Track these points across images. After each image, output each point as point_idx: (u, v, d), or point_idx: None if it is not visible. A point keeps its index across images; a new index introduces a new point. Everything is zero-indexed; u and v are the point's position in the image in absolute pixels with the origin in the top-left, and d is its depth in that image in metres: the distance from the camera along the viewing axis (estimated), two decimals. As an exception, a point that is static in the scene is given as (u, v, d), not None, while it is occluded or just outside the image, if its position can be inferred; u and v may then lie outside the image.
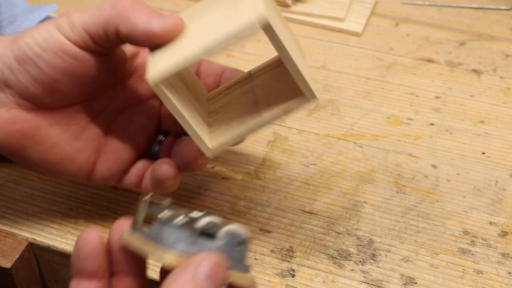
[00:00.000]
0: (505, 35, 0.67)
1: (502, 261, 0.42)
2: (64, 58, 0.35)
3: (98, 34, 0.35)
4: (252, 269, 0.41)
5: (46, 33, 0.35)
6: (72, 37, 0.35)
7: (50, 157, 0.38)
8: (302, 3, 0.70)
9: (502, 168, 0.49)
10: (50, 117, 0.37)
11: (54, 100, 0.37)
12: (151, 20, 0.34)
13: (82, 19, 0.35)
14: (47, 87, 0.35)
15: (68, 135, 0.38)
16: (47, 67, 0.35)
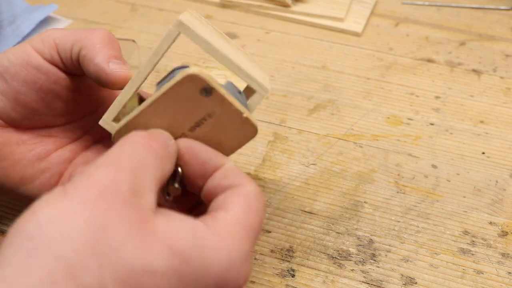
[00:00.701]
0: (505, 35, 0.67)
1: (502, 261, 0.42)
2: (27, 69, 0.35)
3: (64, 51, 0.35)
4: (252, 269, 0.41)
5: (17, 48, 0.36)
6: (40, 48, 0.35)
7: (11, 175, 0.37)
8: (302, 3, 0.70)
9: (502, 168, 0.49)
10: (18, 136, 0.37)
11: (21, 116, 0.36)
12: (109, 61, 0.34)
13: (57, 33, 0.36)
14: (13, 100, 0.35)
15: (32, 155, 0.37)
16: (12, 78, 0.35)
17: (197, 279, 0.25)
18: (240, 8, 0.70)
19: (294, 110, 0.55)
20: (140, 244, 0.24)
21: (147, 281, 0.23)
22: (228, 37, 0.38)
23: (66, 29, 0.36)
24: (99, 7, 0.70)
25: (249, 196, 0.29)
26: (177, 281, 0.25)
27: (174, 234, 0.26)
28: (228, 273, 0.26)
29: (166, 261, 0.24)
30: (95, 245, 0.23)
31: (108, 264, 0.23)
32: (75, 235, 0.23)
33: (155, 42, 0.64)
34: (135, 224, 0.24)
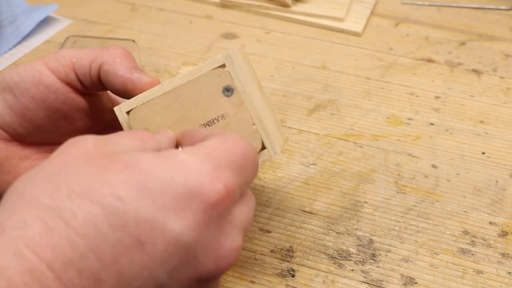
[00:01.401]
0: (505, 35, 0.67)
1: (502, 261, 0.42)
2: (38, 87, 0.35)
3: (82, 68, 0.36)
4: (252, 269, 0.41)
5: (30, 64, 0.36)
6: (55, 67, 0.36)
7: None
8: (302, 3, 0.70)
9: (502, 168, 0.49)
10: (22, 150, 0.37)
11: (27, 132, 0.37)
12: (133, 71, 0.35)
13: (72, 53, 0.36)
14: (20, 116, 0.36)
15: None
16: (21, 94, 0.35)
17: (162, 185, 0.25)
18: (240, 8, 0.70)
19: (294, 110, 0.55)
20: (96, 167, 0.25)
21: (104, 191, 0.24)
22: (263, 90, 0.39)
23: (81, 48, 0.37)
24: (99, 7, 0.70)
25: (228, 134, 0.29)
26: (138, 190, 0.25)
27: (133, 155, 0.26)
28: (198, 176, 0.25)
29: (122, 173, 0.25)
30: (53, 177, 0.25)
31: (64, 186, 0.25)
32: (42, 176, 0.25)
33: (155, 42, 0.64)
34: (92, 159, 0.26)
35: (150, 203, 0.24)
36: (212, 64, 0.33)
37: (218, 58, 0.33)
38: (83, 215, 0.24)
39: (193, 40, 0.65)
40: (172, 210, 0.25)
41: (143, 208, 0.24)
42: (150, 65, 0.61)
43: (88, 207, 0.24)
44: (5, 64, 0.60)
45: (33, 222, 0.23)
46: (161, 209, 0.25)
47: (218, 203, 0.26)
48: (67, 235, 0.23)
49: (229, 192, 0.26)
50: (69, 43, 0.58)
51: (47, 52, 0.62)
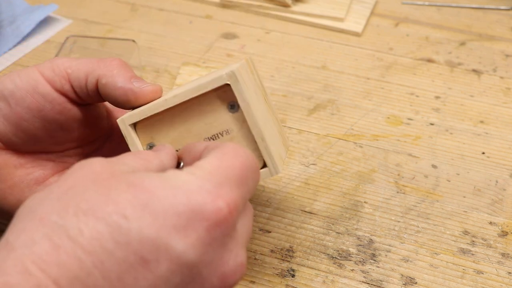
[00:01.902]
0: (505, 35, 0.67)
1: (502, 261, 0.42)
2: (34, 96, 0.35)
3: (78, 80, 0.35)
4: (252, 269, 0.41)
5: (25, 72, 0.35)
6: (50, 77, 0.35)
7: (8, 197, 0.37)
8: (302, 3, 0.70)
9: (502, 168, 0.49)
10: (17, 159, 0.37)
11: (21, 141, 0.36)
12: (132, 81, 0.35)
13: (68, 63, 0.36)
14: (15, 126, 0.35)
15: (30, 179, 0.37)
16: (16, 103, 0.35)
17: (164, 205, 0.25)
18: (240, 8, 0.70)
19: (294, 110, 0.55)
20: (101, 186, 0.26)
21: (109, 209, 0.25)
22: (267, 93, 0.39)
23: (76, 58, 0.36)
24: (99, 7, 0.70)
25: (224, 147, 0.29)
26: (142, 209, 0.25)
27: (137, 176, 0.26)
28: (199, 196, 0.26)
29: (126, 193, 0.25)
30: (61, 197, 0.26)
31: (72, 204, 0.25)
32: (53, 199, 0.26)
33: (155, 42, 0.64)
34: (99, 179, 0.26)
35: (153, 221, 0.25)
36: (216, 82, 0.33)
37: (223, 76, 0.32)
38: (89, 232, 0.24)
39: (193, 40, 0.65)
40: (174, 229, 0.25)
41: (146, 227, 0.25)
42: (150, 65, 0.61)
43: (93, 224, 0.24)
44: (5, 64, 0.60)
45: (41, 239, 0.24)
46: (164, 228, 0.25)
47: (221, 221, 0.26)
48: (74, 252, 0.24)
49: (232, 209, 0.26)
50: (69, 43, 0.58)
51: (47, 52, 0.62)
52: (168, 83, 0.58)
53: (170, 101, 0.33)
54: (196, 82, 0.35)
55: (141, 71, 0.60)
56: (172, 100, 0.33)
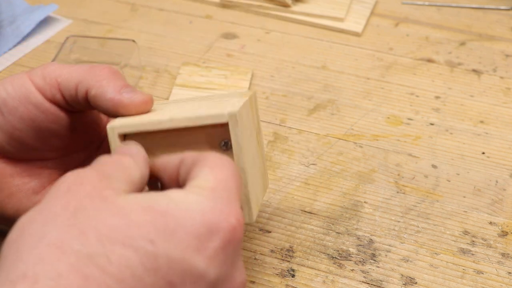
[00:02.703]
0: (505, 35, 0.67)
1: (502, 261, 0.42)
2: (26, 106, 0.34)
3: (68, 90, 0.34)
4: (252, 269, 0.41)
5: (17, 80, 0.35)
6: (41, 86, 0.34)
7: (7, 207, 0.36)
8: (302, 3, 0.70)
9: (502, 168, 0.49)
10: (12, 168, 0.36)
11: (16, 150, 0.36)
12: (122, 91, 0.34)
13: (58, 71, 0.35)
14: (9, 135, 0.35)
15: (28, 188, 0.37)
16: (9, 113, 0.34)
17: (185, 227, 0.25)
18: (240, 8, 0.70)
19: (294, 110, 0.55)
20: (115, 207, 0.25)
21: (133, 233, 0.24)
22: (261, 129, 0.39)
23: (67, 66, 0.35)
24: (99, 7, 0.70)
25: (206, 159, 0.30)
26: (166, 232, 0.25)
27: (147, 198, 0.26)
28: (213, 215, 0.26)
29: (146, 215, 0.25)
30: (74, 221, 0.25)
31: (90, 229, 0.24)
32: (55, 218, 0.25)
33: (155, 42, 0.64)
34: (106, 197, 0.26)
35: (178, 244, 0.25)
36: (216, 118, 0.32)
37: (224, 114, 0.32)
38: (117, 259, 0.23)
39: (193, 40, 0.65)
40: (196, 249, 0.25)
41: (172, 250, 0.25)
42: (150, 65, 0.61)
43: (121, 251, 0.24)
44: (5, 64, 0.60)
45: (67, 271, 0.23)
46: (187, 249, 0.25)
47: (234, 237, 0.27)
48: (104, 282, 0.23)
49: (241, 223, 0.27)
50: (69, 43, 0.58)
51: (47, 52, 0.62)
52: (168, 83, 0.58)
53: (164, 124, 0.32)
54: (195, 106, 0.35)
55: (141, 71, 0.60)
56: (167, 123, 0.32)
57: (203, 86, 0.57)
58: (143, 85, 0.58)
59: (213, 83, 0.57)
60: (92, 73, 0.34)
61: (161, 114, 0.34)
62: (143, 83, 0.58)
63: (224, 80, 0.57)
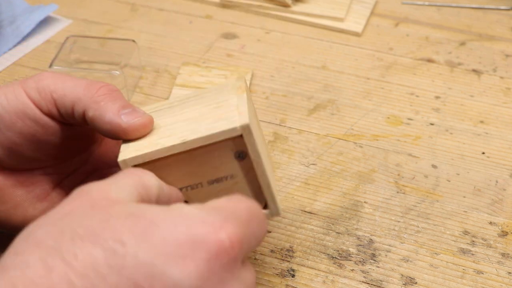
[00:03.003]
0: (505, 35, 0.67)
1: (502, 261, 0.42)
2: (24, 121, 0.34)
3: (64, 108, 0.34)
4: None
5: (11, 93, 0.34)
6: (37, 100, 0.34)
7: (12, 217, 0.36)
8: (302, 3, 0.70)
9: (502, 168, 0.49)
10: (14, 178, 0.36)
11: (16, 163, 0.35)
12: (121, 114, 0.33)
13: (53, 85, 0.34)
14: (8, 149, 0.34)
15: (32, 197, 0.37)
16: (7, 128, 0.34)
17: (164, 233, 0.25)
18: (240, 8, 0.70)
19: (294, 110, 0.55)
20: (100, 213, 0.26)
21: (106, 235, 0.24)
22: (257, 117, 0.39)
23: (62, 80, 0.34)
24: (99, 7, 0.70)
25: (233, 195, 0.29)
26: (140, 236, 0.25)
27: (139, 207, 0.26)
28: (200, 226, 0.25)
29: (127, 220, 0.25)
30: (59, 222, 0.25)
31: (69, 229, 0.25)
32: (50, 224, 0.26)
33: (155, 42, 0.64)
34: (98, 206, 0.26)
35: (150, 248, 0.24)
36: (230, 133, 0.32)
37: (237, 128, 0.31)
38: (83, 256, 0.24)
39: (193, 40, 0.65)
40: (172, 257, 0.24)
41: (142, 253, 0.24)
42: (150, 65, 0.61)
43: (88, 249, 0.24)
44: (5, 64, 0.60)
45: (34, 262, 0.24)
46: (161, 256, 0.24)
47: (221, 253, 0.25)
48: (66, 275, 0.23)
49: (233, 242, 0.25)
50: (69, 43, 0.58)
51: (47, 52, 0.62)
52: (168, 83, 0.58)
53: (178, 147, 0.32)
54: (198, 116, 0.34)
55: (141, 71, 0.60)
56: (181, 146, 0.32)
57: (203, 86, 0.57)
58: (143, 85, 0.58)
59: (213, 83, 0.57)
60: (89, 92, 0.33)
61: (167, 133, 0.33)
62: (143, 83, 0.58)
63: (224, 80, 0.57)
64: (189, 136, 0.32)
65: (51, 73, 0.35)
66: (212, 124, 0.32)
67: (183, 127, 0.33)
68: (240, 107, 0.33)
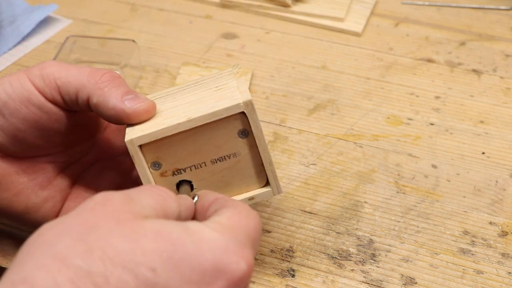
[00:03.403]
0: (505, 35, 0.67)
1: (502, 261, 0.42)
2: (29, 108, 0.34)
3: (68, 95, 0.34)
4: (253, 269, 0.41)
5: (16, 81, 0.34)
6: (41, 87, 0.34)
7: (15, 205, 0.37)
8: (302, 3, 0.70)
9: (502, 168, 0.49)
10: (17, 165, 0.36)
11: (19, 150, 0.36)
12: (125, 100, 0.34)
13: (58, 73, 0.34)
14: (12, 136, 0.35)
15: (34, 184, 0.37)
16: (11, 115, 0.34)
17: (191, 261, 0.25)
18: (240, 8, 0.70)
19: (294, 110, 0.55)
20: (127, 231, 0.25)
21: (137, 259, 0.24)
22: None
23: (66, 68, 0.35)
24: (99, 7, 0.70)
25: (237, 206, 0.30)
26: (170, 263, 0.25)
27: (163, 225, 0.26)
28: (225, 255, 0.26)
29: (155, 243, 0.25)
30: (85, 237, 0.25)
31: (97, 248, 0.24)
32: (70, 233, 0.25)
33: (155, 42, 0.64)
34: (122, 220, 0.26)
35: (179, 277, 0.25)
36: (233, 110, 0.33)
37: (240, 104, 0.33)
38: (115, 282, 0.24)
39: (193, 40, 0.65)
40: (198, 285, 0.25)
41: (172, 282, 0.25)
42: (150, 65, 0.61)
43: (121, 275, 0.24)
44: (5, 64, 0.60)
45: (64, 284, 0.23)
46: (188, 284, 0.25)
47: (241, 280, 0.26)
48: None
49: (250, 268, 0.27)
50: (69, 43, 0.58)
51: (47, 52, 0.62)
52: (168, 83, 0.58)
53: (183, 125, 0.33)
54: (201, 98, 0.35)
55: (141, 71, 0.60)
56: (186, 124, 0.33)
57: (203, 86, 0.57)
58: (143, 85, 0.58)
59: (213, 83, 0.57)
60: (93, 79, 0.34)
61: (171, 115, 0.34)
62: (143, 83, 0.58)
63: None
64: (193, 114, 0.33)
65: (54, 61, 0.35)
66: (215, 103, 0.33)
67: (186, 108, 0.34)
68: (241, 87, 0.34)
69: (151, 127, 0.33)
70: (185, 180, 0.36)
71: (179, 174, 0.36)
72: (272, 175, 0.36)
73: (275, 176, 0.36)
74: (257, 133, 0.34)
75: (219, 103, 0.33)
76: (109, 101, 0.33)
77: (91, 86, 0.34)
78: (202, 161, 0.35)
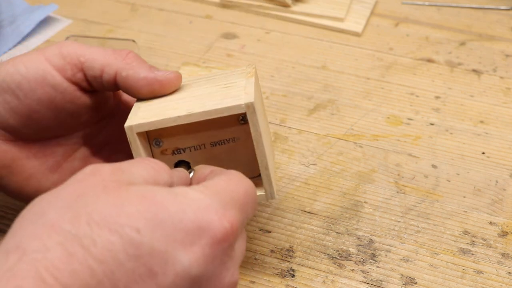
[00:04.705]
0: (505, 35, 0.67)
1: (502, 261, 0.42)
2: (43, 88, 0.34)
3: (93, 71, 0.35)
4: (252, 269, 0.41)
5: (30, 61, 0.35)
6: (61, 65, 0.35)
7: (25, 189, 0.37)
8: (302, 3, 0.70)
9: (502, 168, 0.49)
10: (27, 149, 0.37)
11: (31, 132, 0.36)
12: (154, 70, 0.35)
13: (80, 51, 0.35)
14: (25, 118, 0.35)
15: (45, 168, 0.38)
16: (26, 96, 0.34)
17: (174, 220, 0.26)
18: (240, 8, 0.70)
19: (294, 110, 0.55)
20: (113, 196, 0.26)
21: (122, 221, 0.25)
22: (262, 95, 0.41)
23: (87, 47, 0.36)
24: (99, 7, 0.70)
25: (230, 173, 0.31)
26: (154, 223, 0.26)
27: (148, 189, 0.27)
28: (206, 214, 0.27)
29: (139, 205, 0.26)
30: (72, 205, 0.26)
31: (84, 213, 0.25)
32: (60, 202, 0.26)
33: (155, 42, 0.64)
34: (109, 188, 0.27)
35: (163, 236, 0.26)
36: (234, 109, 0.33)
37: (241, 105, 0.33)
38: (102, 243, 0.25)
39: (193, 40, 0.65)
40: (182, 244, 0.26)
41: (157, 241, 0.25)
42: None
43: (107, 236, 0.25)
44: (5, 64, 0.60)
45: (54, 247, 0.24)
46: (173, 243, 0.26)
47: (224, 239, 0.27)
48: (86, 261, 0.24)
49: (234, 229, 0.28)
50: (69, 43, 0.58)
51: (47, 52, 0.62)
52: (168, 83, 0.58)
53: (183, 119, 0.33)
54: (206, 93, 0.35)
55: (141, 71, 0.60)
56: (186, 118, 0.33)
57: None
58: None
59: (213, 83, 0.57)
60: (119, 57, 0.35)
61: (175, 106, 0.35)
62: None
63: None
64: (195, 109, 0.33)
65: (73, 41, 0.36)
66: (219, 101, 0.34)
67: (191, 101, 0.35)
68: (247, 88, 0.35)
69: (153, 116, 0.34)
70: (183, 161, 0.36)
71: (179, 154, 0.36)
72: (267, 180, 0.35)
73: (270, 181, 0.35)
74: (255, 136, 0.34)
75: (223, 101, 0.34)
76: (140, 73, 0.35)
77: (118, 63, 0.35)
78: (202, 143, 0.36)
